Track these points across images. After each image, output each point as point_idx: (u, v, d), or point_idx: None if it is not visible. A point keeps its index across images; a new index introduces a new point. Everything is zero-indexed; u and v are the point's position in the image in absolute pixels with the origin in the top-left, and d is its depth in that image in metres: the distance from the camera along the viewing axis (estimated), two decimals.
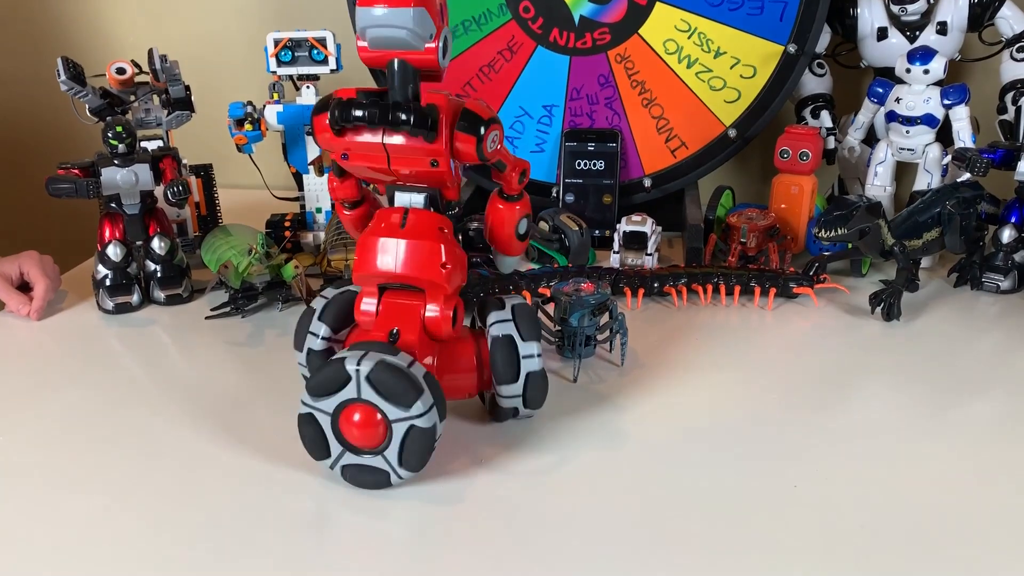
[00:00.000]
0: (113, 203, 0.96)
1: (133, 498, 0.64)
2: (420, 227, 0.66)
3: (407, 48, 0.61)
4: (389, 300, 0.67)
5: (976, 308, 0.96)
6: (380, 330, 0.66)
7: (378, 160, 0.64)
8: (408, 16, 0.59)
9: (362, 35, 0.61)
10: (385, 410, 0.61)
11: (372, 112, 0.61)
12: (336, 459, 0.64)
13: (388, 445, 0.62)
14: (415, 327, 0.66)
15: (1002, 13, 1.08)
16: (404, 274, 0.65)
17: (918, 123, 1.04)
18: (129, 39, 1.48)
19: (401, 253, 0.65)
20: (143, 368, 0.86)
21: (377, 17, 0.59)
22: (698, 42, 1.10)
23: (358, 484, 0.64)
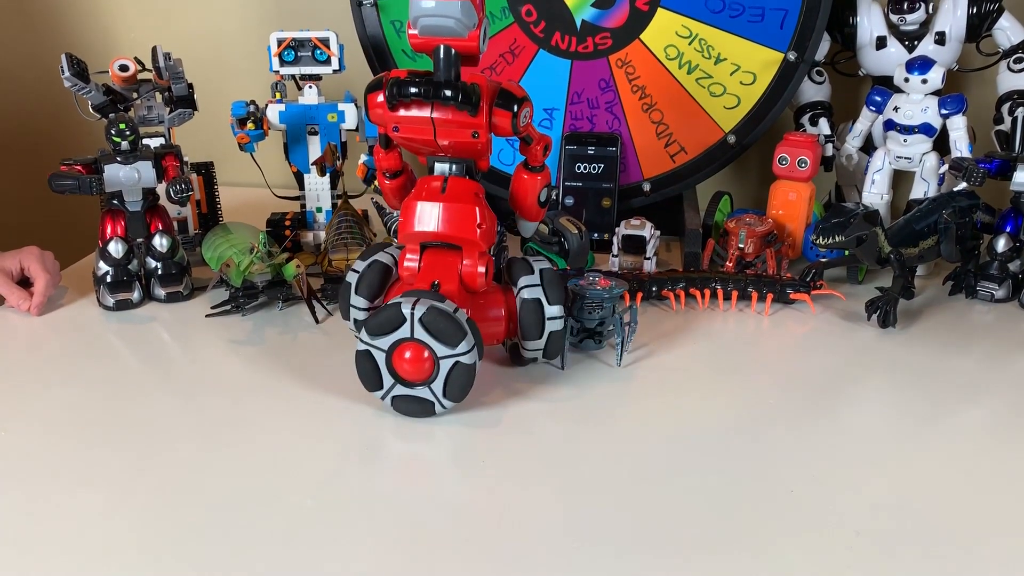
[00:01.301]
0: (115, 200, 0.96)
1: (133, 494, 0.64)
2: (458, 192, 0.75)
3: (454, 36, 0.70)
4: (430, 257, 0.76)
5: (970, 316, 0.97)
6: (423, 282, 0.75)
7: (425, 132, 0.73)
8: (457, 8, 0.68)
9: (414, 23, 0.70)
10: (434, 348, 0.71)
11: (426, 88, 0.70)
12: (388, 391, 0.73)
13: (435, 378, 0.72)
14: (454, 280, 0.76)
15: (1000, 24, 1.09)
16: (445, 233, 0.75)
17: (915, 132, 1.05)
18: (133, 36, 1.48)
19: (442, 215, 0.75)
20: (143, 365, 0.86)
21: (430, 8, 0.68)
22: (699, 48, 1.11)
23: (406, 413, 0.74)
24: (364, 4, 1.14)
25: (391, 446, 0.71)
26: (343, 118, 1.08)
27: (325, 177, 1.10)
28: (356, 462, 0.69)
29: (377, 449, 0.71)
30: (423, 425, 0.73)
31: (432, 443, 0.71)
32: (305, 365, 0.84)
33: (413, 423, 0.74)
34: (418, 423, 0.74)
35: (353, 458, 0.69)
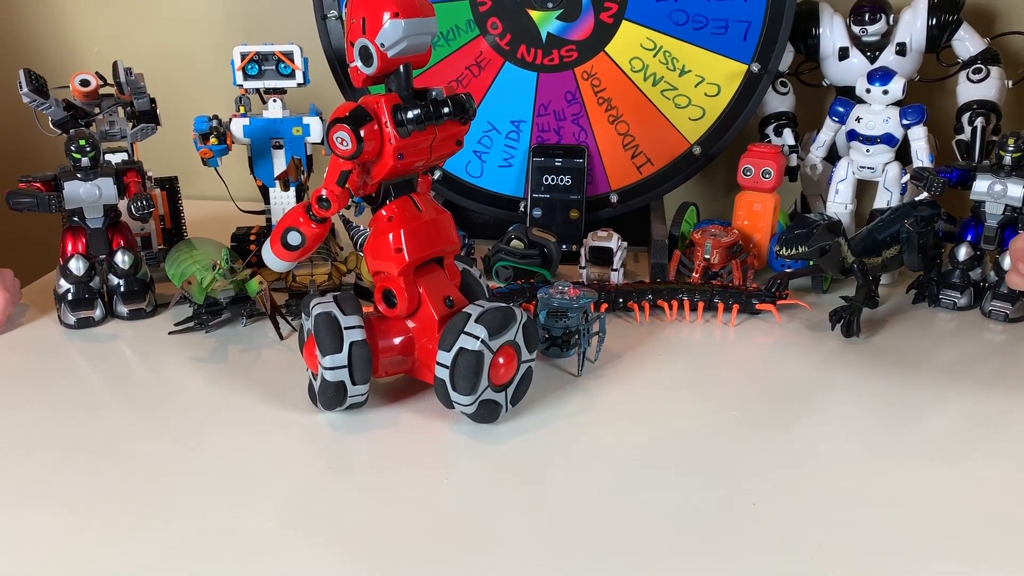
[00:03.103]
0: (76, 217, 0.95)
1: (95, 515, 0.63)
2: (429, 205, 0.76)
3: (423, 52, 0.71)
4: (425, 278, 0.75)
5: (934, 324, 0.98)
6: (436, 301, 0.75)
7: (423, 153, 0.73)
8: (434, 23, 0.70)
9: (390, 46, 0.68)
10: (522, 352, 0.73)
11: (432, 110, 0.69)
12: (479, 395, 0.72)
13: (511, 383, 0.74)
14: (454, 290, 0.77)
15: (959, 35, 1.11)
16: (441, 248, 0.76)
17: (878, 142, 1.06)
18: (96, 50, 1.47)
19: (434, 231, 0.75)
20: (105, 383, 0.85)
21: (417, 26, 0.68)
22: (663, 60, 1.12)
23: (479, 419, 0.74)
24: (329, 17, 1.14)
25: (355, 465, 0.71)
26: (308, 132, 1.07)
27: (290, 191, 1.09)
28: (320, 481, 0.68)
29: (341, 468, 0.70)
30: (387, 443, 0.73)
31: (397, 461, 0.71)
32: (269, 382, 0.83)
33: (378, 442, 0.73)
34: (381, 442, 0.73)
35: (317, 477, 0.69)
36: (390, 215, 0.74)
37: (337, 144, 0.69)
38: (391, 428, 0.75)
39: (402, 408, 0.78)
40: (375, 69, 0.69)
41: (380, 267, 0.74)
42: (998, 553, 0.60)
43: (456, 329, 0.70)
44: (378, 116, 0.69)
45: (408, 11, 0.67)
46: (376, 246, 0.74)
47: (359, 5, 0.69)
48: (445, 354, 0.70)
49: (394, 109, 0.69)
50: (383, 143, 0.70)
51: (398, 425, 0.76)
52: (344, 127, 0.68)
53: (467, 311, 0.71)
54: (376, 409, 0.78)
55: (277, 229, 0.74)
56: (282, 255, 0.74)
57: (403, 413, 0.78)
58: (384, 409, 0.78)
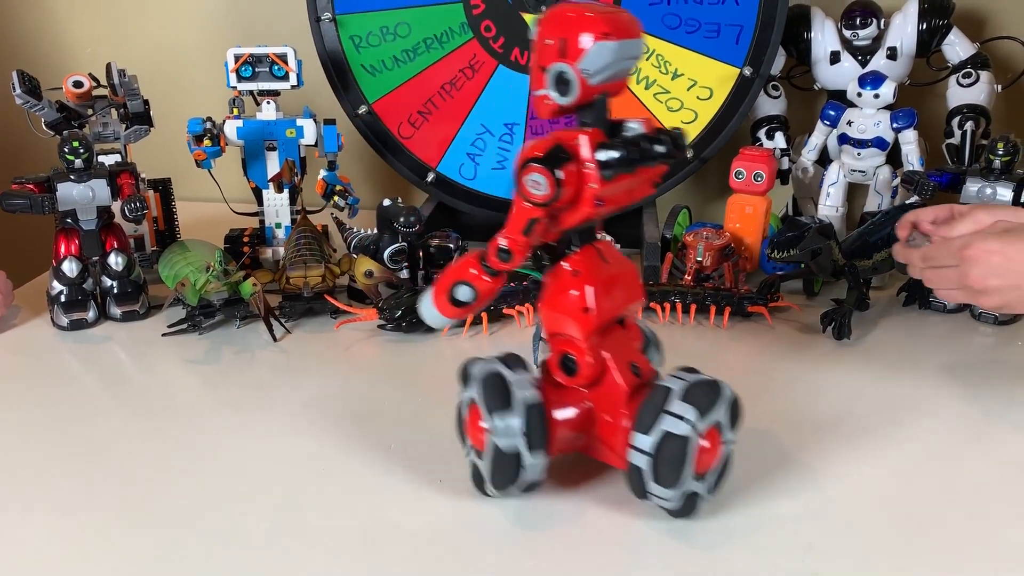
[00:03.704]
0: (69, 219, 0.95)
1: (89, 516, 0.64)
2: (616, 256, 0.65)
3: (626, 78, 0.60)
4: (609, 341, 0.64)
5: (924, 326, 0.98)
6: (622, 367, 0.63)
7: (621, 198, 0.61)
8: (642, 44, 0.60)
9: (598, 72, 0.57)
10: (726, 433, 0.62)
11: (645, 149, 0.58)
12: (686, 489, 0.60)
13: (712, 469, 0.62)
14: (637, 354, 0.66)
15: (949, 40, 1.11)
16: (628, 305, 0.65)
17: (869, 146, 1.07)
18: (89, 51, 1.47)
19: (624, 286, 0.64)
20: (99, 385, 0.85)
21: (627, 48, 0.58)
22: (656, 64, 1.12)
23: (678, 514, 0.62)
24: (323, 19, 1.14)
25: (348, 467, 0.71)
26: (301, 133, 1.08)
27: (283, 193, 1.09)
28: (313, 483, 0.68)
29: (334, 470, 0.70)
30: (380, 446, 0.73)
31: (389, 463, 0.71)
32: (262, 384, 0.84)
33: (370, 446, 0.73)
34: (375, 445, 0.73)
35: (310, 479, 0.69)
36: (576, 268, 0.62)
37: (530, 188, 0.58)
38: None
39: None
40: (574, 100, 0.58)
41: (561, 328, 0.63)
42: (989, 553, 0.60)
43: (656, 407, 0.59)
44: (578, 156, 0.58)
45: (619, 31, 0.57)
46: (557, 304, 0.63)
47: (558, 24, 0.58)
48: (644, 437, 0.59)
49: (598, 147, 0.58)
50: (582, 187, 0.58)
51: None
52: (540, 169, 0.57)
53: (666, 384, 0.60)
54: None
55: (445, 281, 0.64)
56: (446, 311, 0.64)
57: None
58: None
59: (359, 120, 1.18)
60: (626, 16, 0.58)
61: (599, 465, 0.66)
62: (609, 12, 0.58)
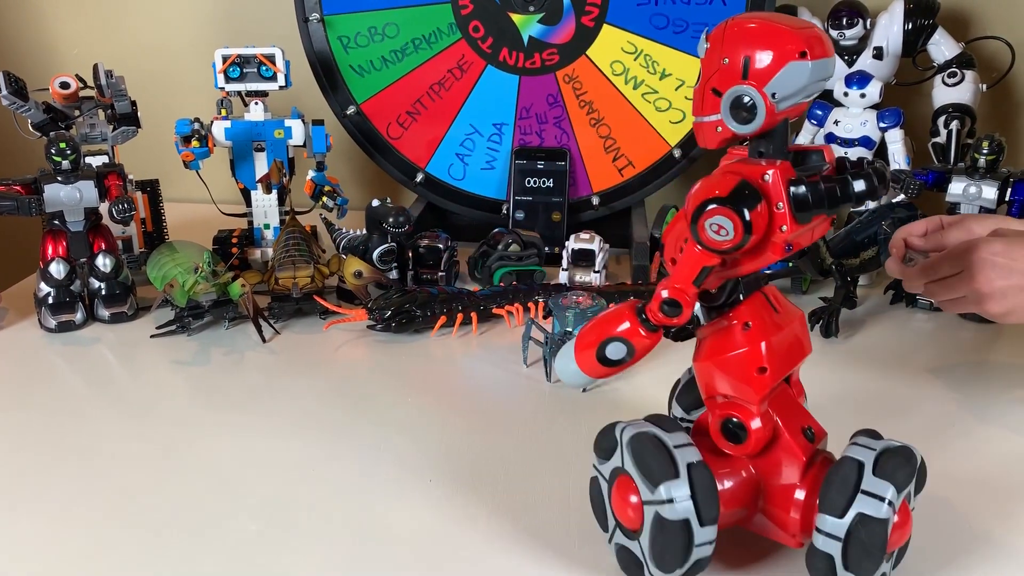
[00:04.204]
0: (56, 220, 0.95)
1: (76, 518, 0.63)
2: (784, 304, 0.57)
3: (808, 102, 0.52)
4: (777, 402, 0.56)
5: (911, 324, 0.99)
6: (794, 432, 0.56)
7: (806, 240, 0.53)
8: (835, 63, 0.53)
9: (790, 96, 0.49)
10: (911, 502, 0.55)
11: (871, 184, 0.50)
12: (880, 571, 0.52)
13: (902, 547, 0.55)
14: (807, 415, 0.58)
15: (934, 39, 1.12)
16: (795, 363, 0.57)
17: (855, 145, 1.07)
18: (76, 52, 1.46)
19: (795, 341, 0.56)
20: (87, 387, 0.85)
21: (823, 69, 0.50)
22: (644, 64, 1.12)
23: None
24: (311, 20, 1.14)
25: (338, 467, 0.71)
26: (290, 134, 1.08)
27: (272, 194, 1.09)
28: (302, 484, 0.68)
29: (322, 471, 0.70)
30: (366, 446, 0.73)
31: (377, 464, 0.71)
32: (251, 385, 0.84)
33: (357, 446, 0.73)
34: (364, 446, 0.73)
35: (299, 480, 0.69)
36: (747, 321, 0.54)
37: (710, 234, 0.50)
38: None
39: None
40: (758, 127, 0.50)
41: (728, 390, 0.55)
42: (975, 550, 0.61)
43: (848, 485, 0.51)
44: (768, 194, 0.50)
45: (816, 50, 0.49)
46: (724, 363, 0.54)
47: (739, 40, 0.50)
48: (835, 521, 0.51)
49: (789, 184, 0.50)
50: (771, 230, 0.50)
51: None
52: (725, 211, 0.49)
53: (854, 457, 0.53)
54: None
55: (594, 335, 0.56)
56: (593, 370, 0.56)
57: None
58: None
59: (347, 121, 1.18)
60: (820, 32, 0.50)
61: (761, 541, 0.59)
62: (803, 27, 0.50)
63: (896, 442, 0.54)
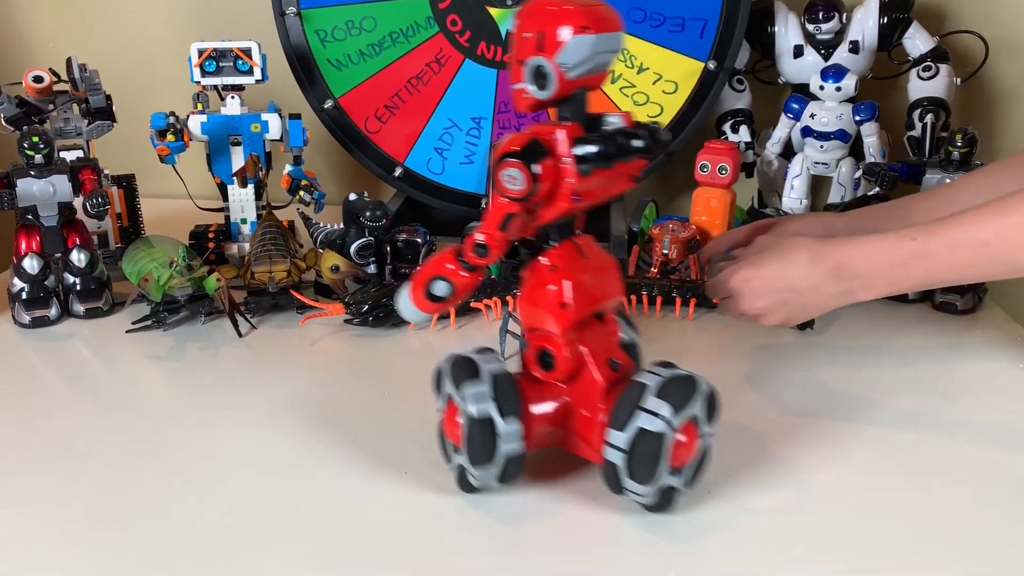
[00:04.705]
0: (30, 215, 0.94)
1: (51, 515, 0.63)
2: (596, 251, 0.65)
3: (605, 71, 0.60)
4: (588, 335, 0.63)
5: (887, 317, 1.00)
6: (600, 363, 0.63)
7: (599, 193, 0.61)
8: (620, 37, 0.59)
9: (577, 65, 0.57)
10: (702, 427, 0.61)
11: (622, 144, 0.58)
12: (660, 484, 0.60)
13: (690, 463, 0.61)
14: (617, 350, 0.65)
15: (909, 34, 1.13)
16: (609, 299, 0.65)
17: (832, 138, 1.08)
18: (51, 46, 1.45)
19: (602, 282, 0.64)
20: (62, 383, 0.84)
21: (606, 42, 0.58)
22: (621, 58, 1.13)
23: (654, 509, 0.62)
24: (287, 14, 1.14)
25: (314, 461, 0.70)
26: (266, 128, 1.07)
27: (249, 188, 1.09)
28: (278, 478, 0.68)
29: (300, 464, 0.70)
30: (344, 440, 0.73)
31: (355, 458, 0.71)
32: (227, 380, 0.83)
33: (337, 440, 0.73)
34: (341, 440, 0.73)
35: (275, 474, 0.69)
36: (554, 263, 0.62)
37: (506, 183, 0.58)
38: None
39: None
40: (552, 94, 0.58)
41: (538, 323, 0.63)
42: (945, 543, 0.61)
43: (631, 404, 0.59)
44: (555, 151, 0.58)
45: (598, 25, 0.57)
46: (536, 299, 0.63)
47: (535, 17, 0.58)
48: (619, 434, 0.59)
49: (575, 142, 0.58)
50: (559, 182, 0.58)
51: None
52: (516, 163, 0.57)
53: (642, 380, 0.60)
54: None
55: (422, 276, 0.63)
56: (423, 306, 0.64)
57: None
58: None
59: (325, 115, 1.18)
60: (605, 9, 0.58)
61: (577, 460, 0.66)
62: (588, 5, 0.57)
63: (684, 371, 0.61)
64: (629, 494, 0.61)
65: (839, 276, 0.75)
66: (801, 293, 0.77)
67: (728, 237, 0.89)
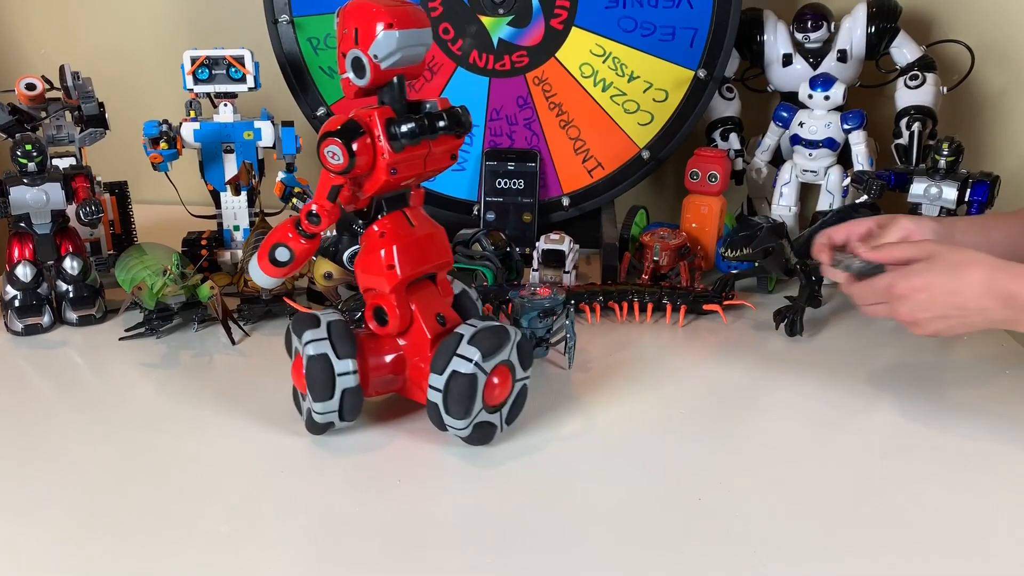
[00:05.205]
0: (22, 222, 0.94)
1: (44, 523, 0.63)
2: (425, 221, 0.74)
3: (418, 63, 0.69)
4: (417, 295, 0.73)
5: (874, 323, 1.00)
6: (428, 319, 0.72)
7: (418, 167, 0.70)
8: (428, 34, 0.68)
9: (384, 58, 0.66)
10: (516, 371, 0.72)
11: (428, 123, 0.67)
12: (473, 418, 0.70)
13: (505, 403, 0.72)
14: (446, 308, 0.75)
15: (896, 43, 1.14)
16: (435, 264, 0.74)
17: (820, 146, 1.09)
18: (43, 53, 1.45)
19: (429, 247, 0.73)
20: (55, 391, 0.84)
21: (411, 37, 0.67)
22: (612, 66, 1.13)
23: (474, 442, 0.72)
24: (280, 22, 1.14)
25: (306, 470, 0.71)
26: (259, 135, 1.08)
27: (241, 195, 1.09)
28: (271, 486, 0.68)
29: (291, 473, 0.70)
30: (337, 448, 0.73)
31: (347, 466, 0.71)
32: (221, 387, 0.84)
33: (326, 447, 0.74)
34: (329, 447, 0.74)
35: (268, 482, 0.69)
36: (382, 230, 0.71)
37: (328, 158, 0.67)
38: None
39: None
40: (368, 81, 0.67)
41: (371, 283, 0.72)
42: (933, 545, 0.62)
43: (448, 351, 0.68)
44: (371, 130, 0.67)
45: (402, 22, 0.66)
46: (367, 262, 0.72)
47: (351, 15, 0.67)
48: (437, 377, 0.69)
49: (387, 123, 0.67)
50: (376, 157, 0.67)
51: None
52: (335, 141, 0.66)
53: (459, 331, 0.69)
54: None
55: (265, 244, 0.71)
56: (269, 271, 0.71)
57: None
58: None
59: (318, 122, 1.18)
60: (411, 9, 0.67)
61: (414, 404, 0.75)
62: (395, 6, 0.67)
63: (496, 323, 0.71)
64: (450, 429, 0.70)
65: (1009, 306, 0.73)
66: (967, 313, 0.75)
67: (845, 229, 0.86)
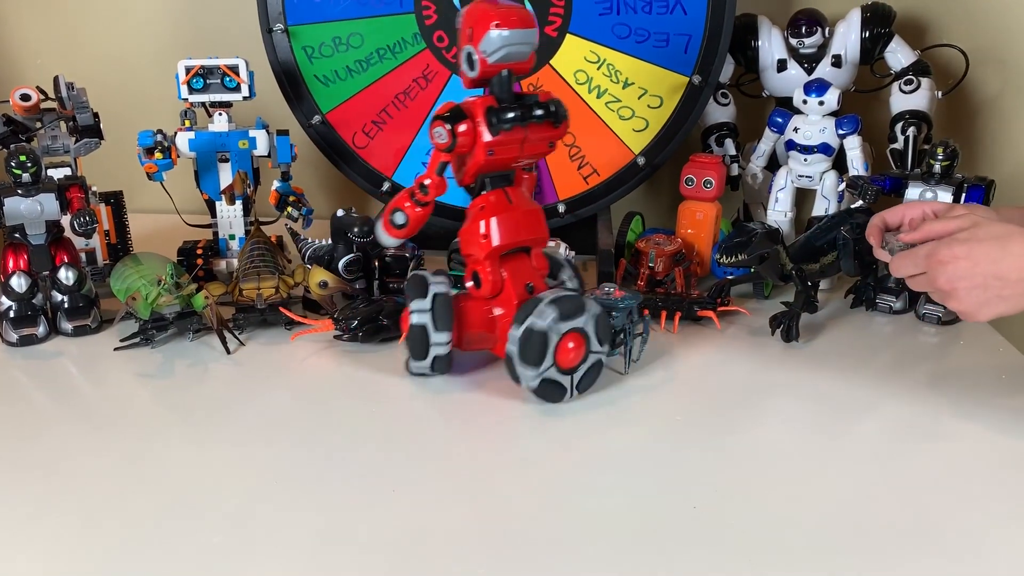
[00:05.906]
0: (17, 233, 0.94)
1: (39, 534, 0.63)
2: (524, 200, 0.84)
3: (524, 60, 0.78)
4: (506, 265, 0.82)
5: (871, 328, 1.01)
6: (519, 287, 0.82)
7: (514, 151, 0.80)
8: (535, 34, 0.78)
9: (491, 53, 0.75)
10: (592, 343, 0.80)
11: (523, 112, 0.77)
12: (542, 371, 0.78)
13: (577, 369, 0.80)
14: (537, 278, 0.84)
15: (891, 47, 1.14)
16: (529, 238, 0.83)
17: (815, 151, 1.09)
18: (39, 63, 1.45)
19: (523, 221, 0.82)
20: (50, 401, 0.84)
21: (518, 36, 0.76)
22: (607, 73, 1.14)
23: (542, 396, 0.80)
24: (275, 31, 1.14)
25: (301, 479, 0.71)
26: (254, 144, 1.08)
27: (236, 205, 1.09)
28: (267, 495, 0.68)
29: (287, 483, 0.70)
30: (331, 457, 0.73)
31: (343, 475, 0.71)
32: (216, 397, 0.83)
33: (323, 457, 0.73)
34: (330, 456, 0.74)
35: (264, 491, 0.69)
36: (482, 204, 0.81)
37: (436, 137, 0.78)
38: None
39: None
40: (477, 74, 0.77)
41: (470, 251, 0.82)
42: (930, 551, 0.62)
43: (528, 310, 0.77)
44: (473, 115, 0.77)
45: (510, 23, 0.75)
46: (468, 231, 0.82)
47: (469, 16, 0.77)
48: (516, 329, 0.77)
49: (488, 111, 0.77)
50: (476, 139, 0.77)
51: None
52: (442, 123, 0.77)
53: (542, 295, 0.78)
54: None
55: (387, 209, 0.82)
56: (390, 232, 0.83)
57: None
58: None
59: (313, 130, 1.18)
60: (520, 11, 0.77)
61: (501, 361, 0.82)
62: (505, 7, 0.76)
63: (579, 295, 0.80)
64: (522, 379, 0.78)
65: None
66: (1006, 284, 0.73)
67: (900, 212, 0.86)
